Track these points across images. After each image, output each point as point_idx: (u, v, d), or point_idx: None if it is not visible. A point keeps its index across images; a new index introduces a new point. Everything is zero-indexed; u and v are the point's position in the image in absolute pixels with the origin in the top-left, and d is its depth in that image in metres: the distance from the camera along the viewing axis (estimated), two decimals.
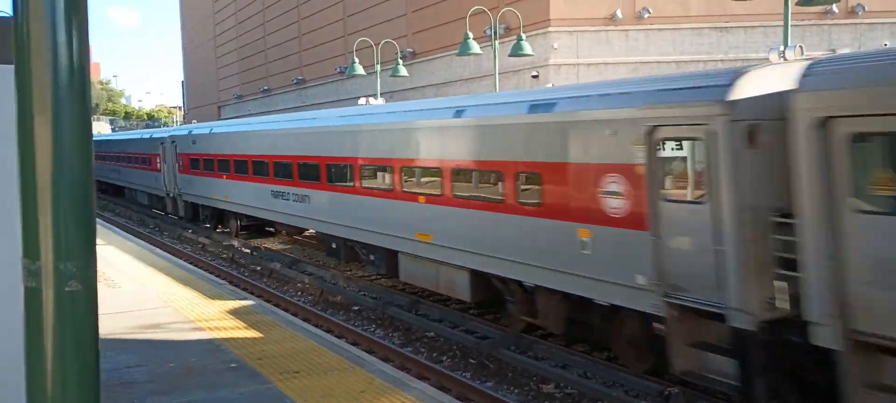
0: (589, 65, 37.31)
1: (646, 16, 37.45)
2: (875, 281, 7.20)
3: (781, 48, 9.89)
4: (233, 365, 8.49)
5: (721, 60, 35.39)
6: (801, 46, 9.64)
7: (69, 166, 2.25)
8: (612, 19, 37.52)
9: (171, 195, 31.29)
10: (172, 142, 30.71)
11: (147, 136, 36.92)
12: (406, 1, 49.53)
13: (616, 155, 9.77)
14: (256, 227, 26.41)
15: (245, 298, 12.48)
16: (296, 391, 7.49)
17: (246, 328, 10.27)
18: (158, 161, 32.42)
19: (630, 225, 9.54)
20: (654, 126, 9.14)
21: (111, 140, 45.79)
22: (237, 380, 7.93)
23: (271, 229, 26.56)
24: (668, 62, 36.66)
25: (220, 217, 27.62)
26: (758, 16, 34.91)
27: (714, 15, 36.86)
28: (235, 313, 11.21)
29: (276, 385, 7.68)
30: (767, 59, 9.67)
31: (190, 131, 30.18)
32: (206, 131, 27.84)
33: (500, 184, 12.01)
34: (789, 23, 13.26)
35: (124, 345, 9.52)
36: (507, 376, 11.78)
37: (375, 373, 7.96)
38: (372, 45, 34.18)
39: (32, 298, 2.27)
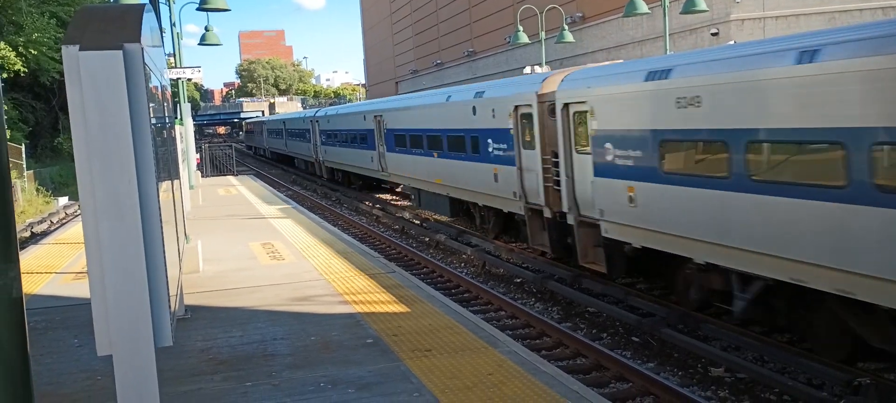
0: (777, 17, 33.93)
1: None
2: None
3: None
4: (368, 341, 8.34)
5: None
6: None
7: None
8: None
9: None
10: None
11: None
12: None
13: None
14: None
15: (392, 271, 12.42)
16: (423, 370, 7.19)
17: (389, 302, 10.17)
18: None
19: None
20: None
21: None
22: (369, 357, 7.76)
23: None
24: (872, 9, 32.52)
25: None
26: None
27: None
28: (383, 286, 11.19)
29: (405, 364, 7.42)
30: None
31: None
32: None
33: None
34: None
35: (274, 318, 9.72)
36: (671, 357, 10.97)
37: (508, 355, 7.49)
38: (537, 13, 33.27)
39: None
